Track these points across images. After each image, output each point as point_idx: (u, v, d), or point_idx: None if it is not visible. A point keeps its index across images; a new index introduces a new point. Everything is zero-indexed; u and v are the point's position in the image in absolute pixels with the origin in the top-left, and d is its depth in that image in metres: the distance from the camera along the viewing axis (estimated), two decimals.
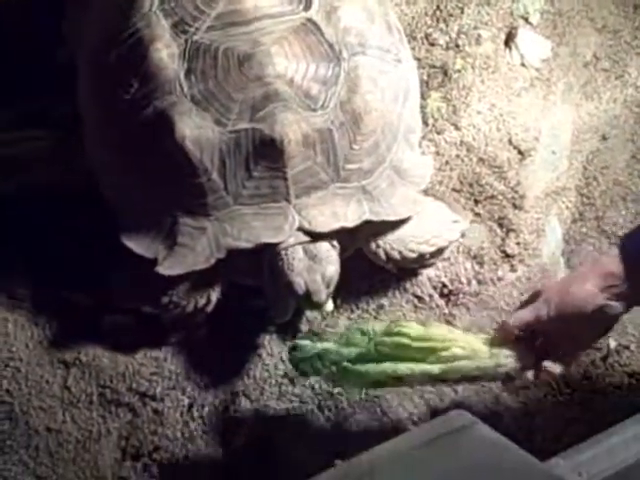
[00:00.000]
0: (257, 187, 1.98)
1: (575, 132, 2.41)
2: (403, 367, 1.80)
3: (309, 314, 2.19)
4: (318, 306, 1.95)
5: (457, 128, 2.34)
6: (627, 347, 2.22)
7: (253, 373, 2.18)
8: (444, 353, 1.81)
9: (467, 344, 1.82)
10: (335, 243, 2.01)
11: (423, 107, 2.32)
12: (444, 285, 2.24)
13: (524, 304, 1.89)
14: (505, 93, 2.37)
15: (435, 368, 1.80)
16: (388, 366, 1.81)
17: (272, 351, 2.20)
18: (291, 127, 1.94)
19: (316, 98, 1.98)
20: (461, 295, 2.24)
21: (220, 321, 2.14)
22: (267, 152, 1.95)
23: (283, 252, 1.96)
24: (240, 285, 2.11)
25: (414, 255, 2.10)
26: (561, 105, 2.41)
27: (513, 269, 2.27)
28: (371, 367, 1.82)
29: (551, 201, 2.33)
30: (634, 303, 1.80)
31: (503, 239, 2.28)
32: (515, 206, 2.30)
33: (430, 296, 2.24)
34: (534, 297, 1.85)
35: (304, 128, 1.95)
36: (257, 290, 2.09)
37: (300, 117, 1.95)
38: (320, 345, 1.87)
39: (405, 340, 1.81)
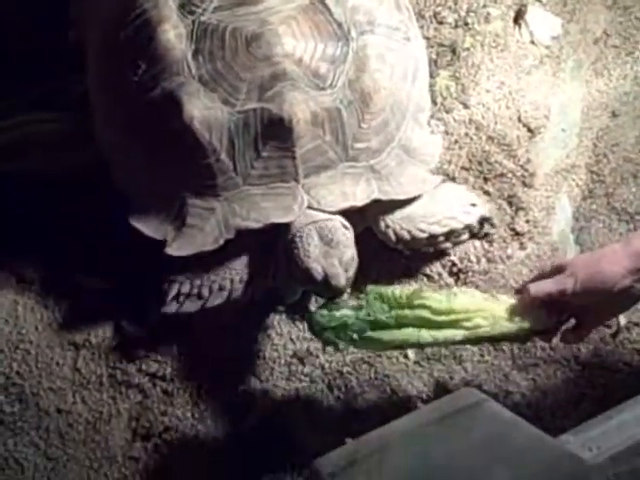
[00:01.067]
0: (266, 167, 1.98)
1: (585, 109, 2.40)
2: (426, 335, 1.82)
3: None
4: (338, 292, 1.91)
5: (466, 106, 2.34)
6: (637, 324, 2.22)
7: (262, 353, 2.19)
8: (466, 324, 1.82)
9: (489, 313, 1.83)
10: (348, 225, 2.00)
11: (432, 86, 2.31)
12: (453, 264, 2.24)
13: (545, 274, 1.88)
14: (514, 71, 2.37)
15: (458, 335, 1.82)
16: (411, 334, 1.82)
17: (281, 331, 2.21)
18: (299, 106, 1.94)
19: (324, 77, 1.98)
20: (470, 273, 2.24)
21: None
22: (276, 132, 1.95)
23: (297, 238, 1.94)
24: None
25: (424, 235, 2.09)
26: (571, 82, 2.40)
27: (523, 247, 2.27)
28: (394, 334, 1.82)
29: (561, 179, 2.33)
30: None
31: (513, 217, 2.27)
32: (525, 184, 2.29)
33: (439, 274, 2.24)
34: (557, 270, 1.85)
35: (312, 107, 1.95)
36: (266, 270, 2.08)
37: (308, 96, 1.95)
38: (339, 314, 1.86)
39: (427, 313, 1.82)
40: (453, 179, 2.27)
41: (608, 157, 2.38)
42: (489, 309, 1.84)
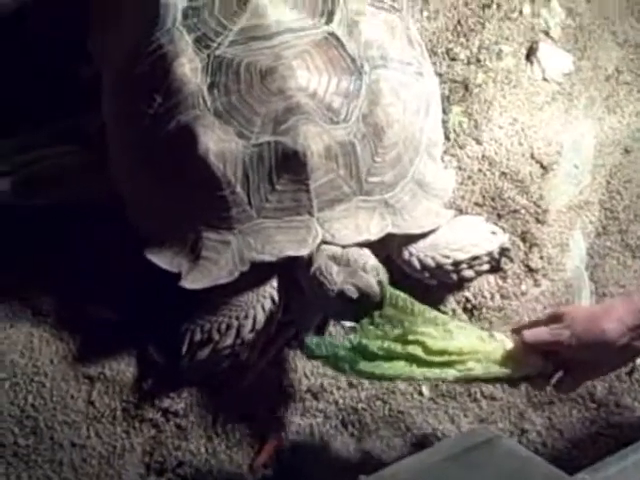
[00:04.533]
0: (280, 200, 1.98)
1: (597, 146, 2.40)
2: (417, 372, 1.80)
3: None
4: (377, 303, 1.87)
5: (479, 142, 2.34)
6: None
7: (276, 389, 2.18)
8: (459, 366, 1.80)
9: (483, 355, 1.81)
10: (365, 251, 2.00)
11: (445, 121, 2.32)
12: (467, 299, 2.24)
13: (541, 322, 1.86)
14: (527, 107, 2.37)
15: (450, 375, 1.80)
16: (402, 368, 1.80)
17: (295, 366, 2.20)
18: (313, 139, 1.94)
19: (338, 111, 1.99)
20: (484, 310, 2.23)
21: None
22: (290, 165, 1.96)
23: (318, 274, 1.94)
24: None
25: (448, 261, 2.09)
26: (583, 119, 2.40)
27: (537, 283, 2.26)
28: (385, 368, 1.80)
29: (574, 215, 2.32)
30: None
31: (526, 253, 2.27)
32: (538, 220, 2.29)
33: (453, 310, 2.23)
34: (554, 319, 1.83)
35: (326, 141, 1.96)
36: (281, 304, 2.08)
37: (322, 130, 1.96)
38: (329, 341, 1.83)
39: (419, 352, 1.80)
40: (466, 215, 2.28)
41: (621, 194, 2.37)
42: (483, 351, 1.82)
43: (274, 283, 2.03)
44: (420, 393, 2.17)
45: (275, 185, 1.96)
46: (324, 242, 1.97)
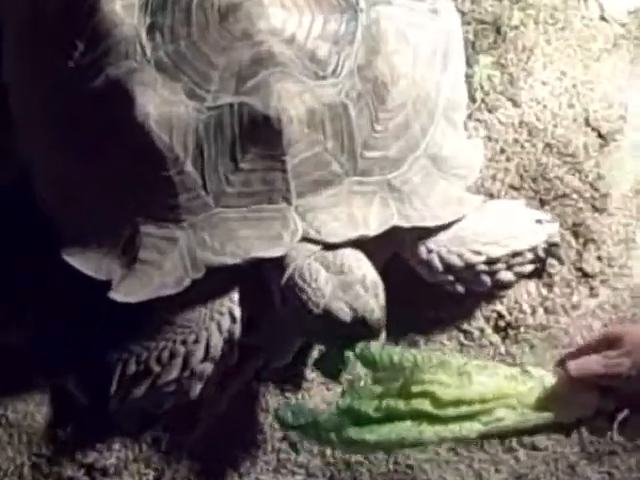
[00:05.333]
0: (246, 183, 1.96)
1: None
2: (429, 432, 1.74)
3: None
4: (376, 327, 1.87)
5: (515, 104, 2.34)
6: None
7: (241, 436, 2.17)
8: (485, 418, 1.75)
9: (515, 399, 1.75)
10: (360, 253, 1.98)
11: (469, 76, 2.31)
12: (500, 315, 2.22)
13: (591, 346, 1.81)
14: (579, 57, 2.37)
15: (473, 430, 1.74)
16: (408, 430, 1.74)
17: (267, 405, 2.18)
18: (291, 101, 1.92)
19: (325, 62, 1.98)
20: (522, 329, 2.22)
21: None
22: (259, 135, 1.94)
23: (299, 280, 1.92)
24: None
25: (481, 259, 2.08)
26: None
27: (593, 293, 2.24)
28: (384, 432, 1.74)
29: None
30: None
31: (580, 253, 2.26)
32: (595, 208, 2.29)
33: (481, 330, 2.22)
34: (609, 342, 1.77)
35: (309, 102, 1.94)
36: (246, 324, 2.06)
37: (303, 88, 1.95)
38: (311, 412, 1.81)
39: (428, 406, 1.74)
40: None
41: None
42: (515, 393, 1.76)
43: (234, 295, 2.01)
44: None
45: (239, 163, 1.94)
46: (306, 239, 1.96)
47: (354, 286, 1.89)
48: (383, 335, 1.91)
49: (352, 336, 1.86)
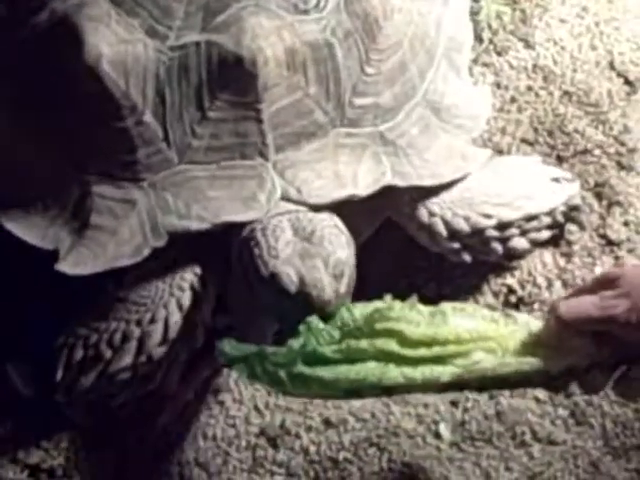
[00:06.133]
0: (215, 135, 1.97)
1: None
2: (395, 372, 1.77)
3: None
4: (321, 308, 1.85)
5: (528, 45, 2.36)
6: None
7: (213, 431, 2.17)
8: (460, 360, 1.79)
9: (497, 342, 1.79)
10: (342, 225, 1.99)
11: (475, 12, 2.33)
12: (510, 290, 2.23)
13: (586, 289, 1.86)
14: None
15: (445, 373, 1.78)
16: (370, 370, 1.77)
17: (241, 396, 2.19)
18: (267, 39, 1.93)
19: None
20: (537, 305, 2.21)
21: None
22: (230, 79, 1.94)
23: (259, 233, 1.93)
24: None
25: (491, 222, 2.09)
26: None
27: (619, 264, 2.20)
28: (342, 371, 1.78)
29: None
30: None
31: (603, 217, 2.26)
32: (621, 166, 2.29)
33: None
34: (605, 283, 1.81)
35: (288, 41, 1.95)
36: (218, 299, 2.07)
37: (282, 23, 1.95)
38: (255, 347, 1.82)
39: (394, 345, 1.77)
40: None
41: None
42: (496, 337, 1.80)
43: (198, 268, 2.01)
44: (437, 435, 2.14)
45: (207, 111, 1.95)
46: (285, 199, 1.97)
47: (315, 258, 1.89)
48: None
49: (295, 313, 1.86)
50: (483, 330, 1.79)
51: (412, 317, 1.79)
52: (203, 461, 2.15)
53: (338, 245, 1.92)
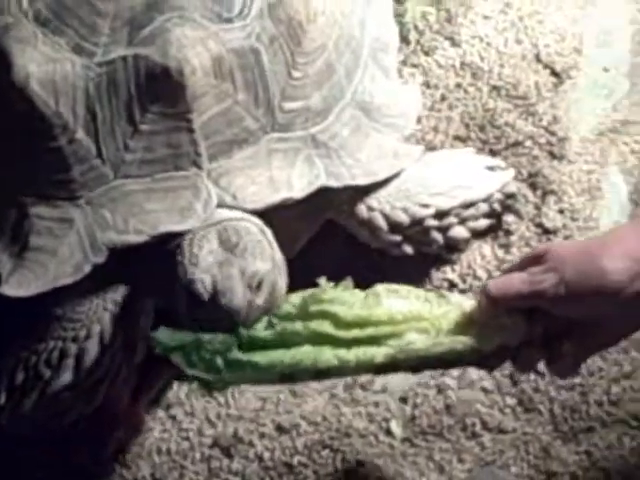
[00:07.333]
0: (148, 148, 1.96)
1: (637, 36, 2.41)
2: (329, 355, 1.77)
3: None
4: (231, 318, 1.80)
5: (455, 43, 2.37)
6: None
7: (167, 445, 2.18)
8: (393, 341, 1.78)
9: (429, 322, 1.79)
10: (267, 230, 1.98)
11: (400, 14, 2.33)
12: (452, 284, 2.24)
13: (515, 267, 1.84)
14: None
15: (378, 354, 1.77)
16: (305, 354, 1.77)
17: (192, 408, 2.19)
18: (194, 49, 1.93)
19: (230, 2, 1.99)
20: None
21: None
22: (159, 91, 1.93)
23: (187, 242, 1.91)
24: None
25: (429, 212, 2.10)
26: None
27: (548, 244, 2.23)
28: (276, 355, 1.78)
29: (607, 143, 2.33)
30: None
31: (538, 207, 2.28)
32: (553, 155, 2.30)
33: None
34: (533, 260, 1.79)
35: (214, 49, 1.94)
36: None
37: (206, 33, 1.95)
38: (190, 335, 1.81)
39: (328, 327, 1.78)
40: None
41: None
42: (429, 317, 1.80)
43: (133, 281, 2.00)
44: (388, 432, 2.16)
45: (138, 125, 1.94)
46: (222, 206, 1.96)
47: (233, 268, 1.86)
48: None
49: (210, 321, 1.82)
50: (416, 310, 1.79)
51: (346, 299, 1.79)
52: (159, 476, 2.15)
53: (260, 258, 1.90)
